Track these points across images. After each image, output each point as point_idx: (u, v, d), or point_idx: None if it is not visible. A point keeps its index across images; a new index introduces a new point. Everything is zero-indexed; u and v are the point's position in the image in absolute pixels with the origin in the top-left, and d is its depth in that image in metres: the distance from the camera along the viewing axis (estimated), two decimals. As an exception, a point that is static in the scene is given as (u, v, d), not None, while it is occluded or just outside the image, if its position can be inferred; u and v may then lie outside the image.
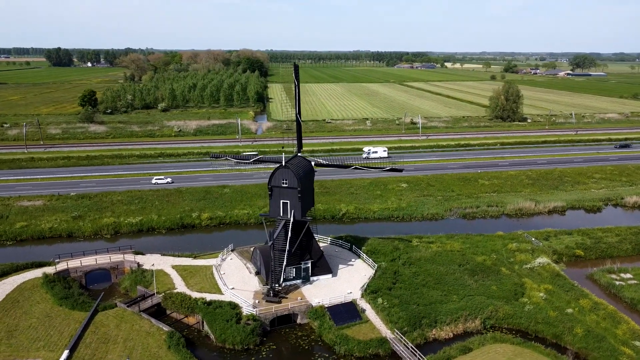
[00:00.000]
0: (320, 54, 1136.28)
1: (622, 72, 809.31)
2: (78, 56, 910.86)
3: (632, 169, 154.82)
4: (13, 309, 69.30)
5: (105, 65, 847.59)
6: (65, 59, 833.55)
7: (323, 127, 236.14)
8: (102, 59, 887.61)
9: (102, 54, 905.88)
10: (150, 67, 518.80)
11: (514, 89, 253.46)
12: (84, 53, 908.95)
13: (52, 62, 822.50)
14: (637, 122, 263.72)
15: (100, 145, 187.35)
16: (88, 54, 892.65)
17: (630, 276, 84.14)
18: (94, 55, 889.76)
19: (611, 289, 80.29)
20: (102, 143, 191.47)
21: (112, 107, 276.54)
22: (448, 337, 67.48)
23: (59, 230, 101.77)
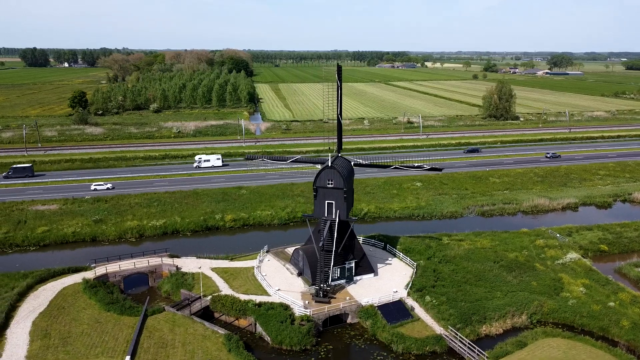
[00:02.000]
0: (301, 54, 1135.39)
1: (597, 70, 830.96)
2: (54, 56, 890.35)
3: (632, 165, 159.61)
4: (60, 315, 67.95)
5: (83, 66, 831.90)
6: (41, 59, 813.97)
7: (321, 127, 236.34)
8: (80, 59, 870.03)
9: (80, 54, 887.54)
10: (132, 67, 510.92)
11: (506, 89, 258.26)
12: (60, 53, 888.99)
13: (27, 62, 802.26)
14: (624, 119, 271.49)
15: (101, 147, 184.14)
16: (65, 54, 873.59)
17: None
18: (71, 55, 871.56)
19: None
20: (102, 145, 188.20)
21: (103, 108, 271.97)
22: (498, 333, 68.73)
23: (82, 235, 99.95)
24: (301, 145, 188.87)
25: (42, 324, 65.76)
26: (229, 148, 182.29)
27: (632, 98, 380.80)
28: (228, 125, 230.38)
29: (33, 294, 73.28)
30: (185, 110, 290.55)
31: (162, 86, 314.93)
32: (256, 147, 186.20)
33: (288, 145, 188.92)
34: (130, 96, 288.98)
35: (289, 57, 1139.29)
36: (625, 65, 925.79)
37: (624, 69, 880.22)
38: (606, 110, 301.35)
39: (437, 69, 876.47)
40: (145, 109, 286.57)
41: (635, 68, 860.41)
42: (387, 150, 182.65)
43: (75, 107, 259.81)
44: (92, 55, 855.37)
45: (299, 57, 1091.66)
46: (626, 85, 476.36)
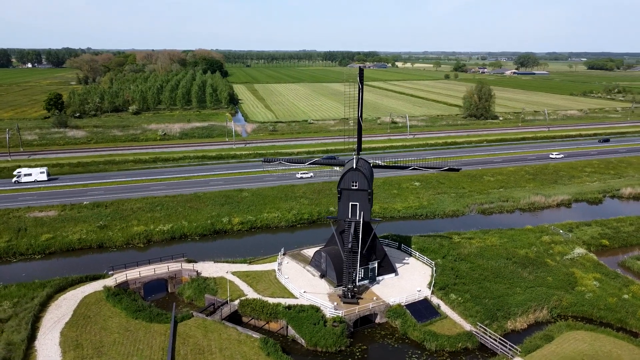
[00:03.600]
0: (272, 54, 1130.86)
1: (561, 70, 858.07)
2: (17, 56, 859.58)
3: (615, 162, 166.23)
4: (88, 325, 66.45)
5: (48, 66, 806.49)
6: (2, 59, 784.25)
7: (307, 128, 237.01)
8: (44, 59, 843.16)
9: (44, 54, 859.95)
10: (102, 68, 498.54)
11: (486, 89, 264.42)
12: (23, 53, 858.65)
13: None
14: (596, 118, 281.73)
15: (86, 151, 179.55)
16: (28, 54, 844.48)
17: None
18: (35, 55, 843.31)
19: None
20: (87, 149, 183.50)
21: (80, 110, 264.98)
22: (523, 328, 70.85)
23: (89, 241, 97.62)
24: (292, 147, 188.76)
25: (71, 334, 64.20)
26: (219, 150, 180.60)
27: (600, 97, 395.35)
28: (213, 127, 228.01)
29: (54, 304, 71.37)
30: (165, 112, 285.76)
31: (140, 87, 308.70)
32: (247, 148, 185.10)
33: (279, 147, 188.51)
34: (108, 98, 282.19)
35: (259, 57, 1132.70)
36: (587, 65, 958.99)
37: (586, 69, 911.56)
38: (578, 109, 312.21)
39: (408, 69, 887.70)
40: (123, 111, 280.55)
41: (596, 68, 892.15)
42: (377, 151, 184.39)
43: (51, 110, 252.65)
44: (56, 56, 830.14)
45: (270, 57, 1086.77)
46: (592, 85, 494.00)
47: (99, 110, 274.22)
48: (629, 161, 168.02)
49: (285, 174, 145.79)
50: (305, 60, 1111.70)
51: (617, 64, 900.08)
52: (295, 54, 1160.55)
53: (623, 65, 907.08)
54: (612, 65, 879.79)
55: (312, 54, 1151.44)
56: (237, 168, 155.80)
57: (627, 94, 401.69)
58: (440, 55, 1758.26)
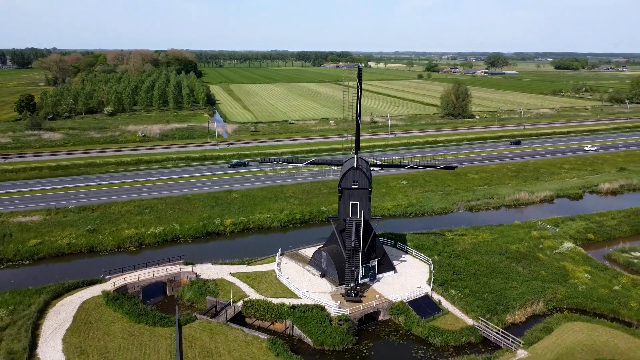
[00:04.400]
0: (245, 54, 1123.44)
1: (529, 70, 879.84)
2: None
3: (591, 159, 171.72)
4: (90, 330, 65.09)
5: (12, 67, 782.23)
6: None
7: (288, 128, 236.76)
8: (9, 60, 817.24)
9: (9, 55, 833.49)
10: (72, 69, 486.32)
11: (462, 88, 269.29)
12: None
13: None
14: (568, 116, 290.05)
15: (64, 153, 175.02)
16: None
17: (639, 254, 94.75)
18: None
19: (631, 267, 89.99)
20: (65, 151, 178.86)
21: (53, 112, 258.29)
22: (522, 321, 72.69)
23: (79, 246, 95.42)
24: (275, 147, 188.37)
25: (74, 340, 62.77)
26: (203, 151, 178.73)
27: (569, 96, 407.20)
28: (194, 128, 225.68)
29: (52, 310, 69.63)
30: (142, 113, 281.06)
31: (114, 88, 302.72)
32: (230, 149, 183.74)
33: (262, 147, 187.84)
34: (82, 99, 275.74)
35: (232, 57, 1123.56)
36: (554, 65, 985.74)
37: (553, 68, 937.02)
38: (550, 107, 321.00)
39: (381, 69, 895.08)
40: (98, 113, 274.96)
41: (563, 67, 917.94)
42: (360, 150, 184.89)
43: (23, 112, 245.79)
44: (22, 56, 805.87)
45: (243, 57, 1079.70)
46: (561, 84, 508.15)
47: (72, 112, 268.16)
48: (604, 157, 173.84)
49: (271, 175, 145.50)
50: (279, 60, 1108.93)
51: (582, 63, 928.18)
52: (269, 54, 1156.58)
53: (587, 65, 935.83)
54: (578, 65, 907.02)
55: (285, 54, 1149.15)
56: (223, 169, 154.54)
57: (594, 93, 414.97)
58: (411, 55, 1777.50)
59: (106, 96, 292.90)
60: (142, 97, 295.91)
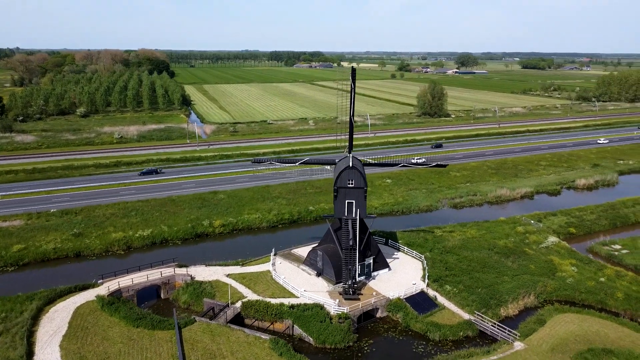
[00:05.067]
0: (217, 54, 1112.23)
1: (498, 70, 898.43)
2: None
3: (565, 155, 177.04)
4: (88, 336, 63.78)
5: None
6: None
7: (268, 128, 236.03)
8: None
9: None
10: (39, 69, 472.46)
11: (438, 88, 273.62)
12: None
13: None
14: (539, 114, 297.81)
15: (40, 156, 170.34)
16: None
17: (619, 247, 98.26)
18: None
19: (613, 259, 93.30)
20: (39, 154, 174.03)
21: (23, 114, 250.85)
22: (515, 314, 74.59)
23: (65, 250, 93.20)
24: (257, 147, 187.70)
25: (72, 347, 61.43)
26: (184, 152, 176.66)
27: (539, 95, 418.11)
28: (171, 129, 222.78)
29: (46, 317, 67.95)
30: (116, 114, 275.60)
31: (86, 89, 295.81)
32: (211, 150, 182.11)
33: (244, 148, 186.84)
34: (54, 100, 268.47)
35: (203, 57, 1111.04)
36: (521, 65, 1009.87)
37: (521, 68, 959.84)
38: (522, 106, 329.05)
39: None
40: (70, 114, 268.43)
41: (530, 67, 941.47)
42: (341, 150, 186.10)
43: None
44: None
45: (215, 57, 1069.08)
46: (530, 83, 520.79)
47: (44, 114, 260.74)
48: (578, 154, 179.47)
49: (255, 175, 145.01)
50: (251, 60, 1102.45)
51: (549, 63, 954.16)
52: (241, 54, 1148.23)
53: (553, 64, 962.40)
54: (544, 64, 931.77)
55: (257, 54, 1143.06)
56: (206, 170, 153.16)
57: (562, 92, 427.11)
58: (382, 55, 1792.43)
59: (78, 97, 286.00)
60: (115, 98, 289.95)
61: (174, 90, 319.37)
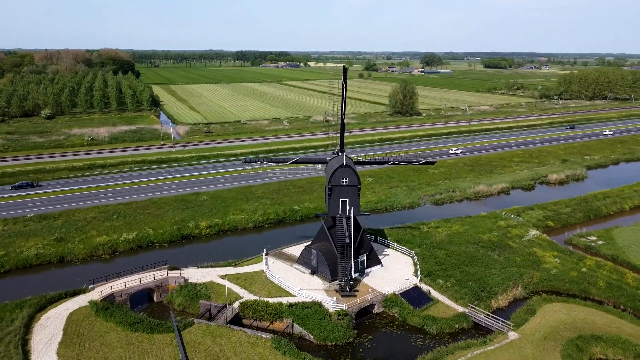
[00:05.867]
0: (181, 54, 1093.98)
1: (462, 69, 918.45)
2: None
3: (536, 152, 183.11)
4: (85, 342, 62.32)
5: None
6: None
7: (242, 129, 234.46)
8: None
9: None
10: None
11: (409, 87, 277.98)
12: None
13: None
14: (506, 112, 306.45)
15: (7, 160, 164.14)
16: None
17: (595, 238, 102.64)
18: None
19: (591, 250, 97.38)
20: (7, 158, 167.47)
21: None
22: (505, 305, 77.04)
23: (48, 256, 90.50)
24: (234, 148, 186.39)
25: (70, 354, 59.93)
26: (159, 154, 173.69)
27: (503, 93, 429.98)
28: (144, 130, 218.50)
29: (38, 324, 65.97)
30: (83, 115, 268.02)
31: (51, 90, 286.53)
32: (187, 151, 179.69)
33: (220, 148, 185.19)
34: (16, 102, 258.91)
35: (167, 57, 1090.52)
36: (484, 64, 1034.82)
37: (483, 67, 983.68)
38: (489, 104, 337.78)
39: (321, 69, 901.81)
40: (35, 116, 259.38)
41: (492, 66, 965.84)
42: (320, 149, 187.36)
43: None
44: None
45: (180, 57, 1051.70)
46: (493, 82, 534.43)
47: (6, 115, 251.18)
48: (547, 150, 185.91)
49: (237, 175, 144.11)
50: (217, 60, 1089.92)
51: (509, 62, 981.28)
52: (206, 54, 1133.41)
53: (514, 64, 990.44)
54: (506, 64, 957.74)
55: (223, 54, 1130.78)
56: (184, 172, 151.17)
57: (525, 90, 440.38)
58: (347, 55, 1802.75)
59: (42, 98, 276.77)
60: (82, 99, 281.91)
61: (143, 91, 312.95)
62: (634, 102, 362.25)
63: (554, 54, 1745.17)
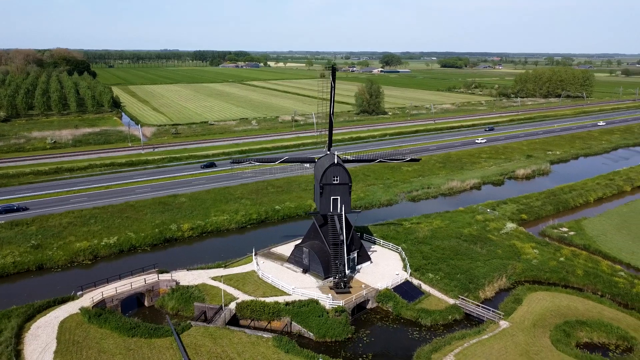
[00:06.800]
0: (137, 54, 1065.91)
1: (420, 68, 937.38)
2: None
3: (501, 148, 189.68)
4: (82, 350, 60.61)
5: None
6: None
7: (210, 129, 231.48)
8: None
9: None
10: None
11: (375, 87, 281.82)
12: None
13: None
14: (468, 110, 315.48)
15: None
16: None
17: (566, 229, 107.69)
18: None
19: (564, 240, 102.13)
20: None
21: None
22: (492, 296, 79.88)
23: (26, 264, 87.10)
24: (205, 149, 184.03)
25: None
26: (129, 156, 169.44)
27: (463, 92, 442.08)
28: (108, 132, 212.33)
29: (29, 334, 63.60)
30: (41, 118, 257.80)
31: (4, 92, 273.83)
32: (157, 153, 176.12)
33: (192, 150, 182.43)
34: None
35: (122, 57, 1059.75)
36: (440, 64, 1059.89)
37: (440, 67, 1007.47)
38: (451, 103, 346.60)
39: (281, 68, 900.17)
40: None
41: (448, 66, 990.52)
42: (291, 149, 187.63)
43: None
44: None
45: (135, 57, 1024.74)
46: (452, 81, 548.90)
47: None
48: (512, 147, 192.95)
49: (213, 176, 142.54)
50: (174, 60, 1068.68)
51: (465, 62, 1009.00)
52: (163, 54, 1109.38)
53: (469, 63, 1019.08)
54: (461, 63, 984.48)
55: (180, 54, 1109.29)
56: (158, 174, 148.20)
57: (483, 89, 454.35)
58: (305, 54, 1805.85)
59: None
60: (39, 101, 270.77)
61: (103, 92, 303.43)
62: (585, 99, 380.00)
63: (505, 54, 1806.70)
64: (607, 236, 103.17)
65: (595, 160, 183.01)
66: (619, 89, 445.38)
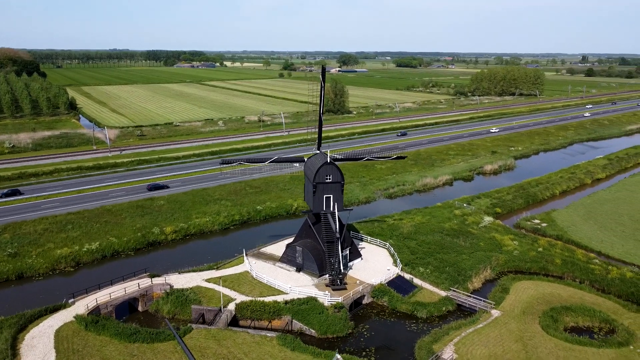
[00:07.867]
0: (86, 53, 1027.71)
1: (376, 68, 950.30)
2: None
3: (467, 145, 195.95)
4: (83, 358, 58.96)
5: None
6: None
7: (176, 131, 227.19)
8: None
9: None
10: None
11: (340, 86, 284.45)
12: None
13: None
14: (429, 109, 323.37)
15: None
16: None
17: (538, 221, 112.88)
18: None
19: (538, 232, 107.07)
20: None
21: None
22: (479, 287, 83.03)
23: (5, 273, 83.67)
24: (174, 150, 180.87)
25: (70, 372, 56.52)
26: (95, 159, 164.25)
27: (421, 91, 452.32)
28: (69, 135, 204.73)
29: (24, 345, 61.29)
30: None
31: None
32: (125, 155, 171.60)
33: (161, 152, 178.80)
34: None
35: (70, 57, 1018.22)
36: (396, 63, 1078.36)
37: (395, 66, 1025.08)
38: (412, 101, 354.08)
39: (238, 68, 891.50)
40: None
41: (403, 65, 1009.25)
42: (262, 149, 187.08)
43: None
44: None
45: (85, 56, 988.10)
46: (409, 80, 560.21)
47: None
48: (477, 143, 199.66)
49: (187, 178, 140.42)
50: (127, 59, 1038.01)
51: (419, 61, 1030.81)
52: (114, 54, 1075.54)
53: (424, 63, 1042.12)
54: (416, 63, 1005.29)
55: (132, 53, 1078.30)
56: (129, 177, 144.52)
57: (440, 88, 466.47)
58: (261, 54, 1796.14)
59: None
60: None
61: (58, 94, 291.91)
62: (538, 97, 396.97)
63: (456, 54, 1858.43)
64: (576, 226, 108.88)
65: (554, 155, 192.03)
66: (567, 88, 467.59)
